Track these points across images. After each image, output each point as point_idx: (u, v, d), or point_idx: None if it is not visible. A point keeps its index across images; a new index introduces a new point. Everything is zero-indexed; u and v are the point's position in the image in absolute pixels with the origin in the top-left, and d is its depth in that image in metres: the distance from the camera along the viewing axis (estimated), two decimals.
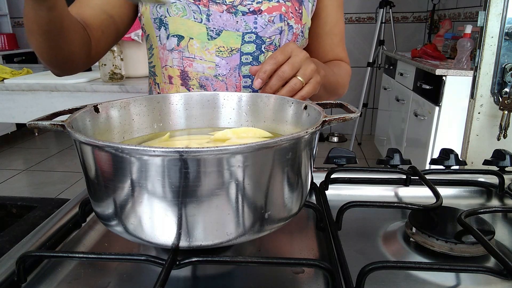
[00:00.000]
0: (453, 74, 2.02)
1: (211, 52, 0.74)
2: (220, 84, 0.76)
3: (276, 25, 0.73)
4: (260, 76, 0.61)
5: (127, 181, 0.36)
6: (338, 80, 0.80)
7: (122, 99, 0.55)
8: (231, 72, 0.75)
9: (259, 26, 0.73)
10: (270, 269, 0.43)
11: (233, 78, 0.76)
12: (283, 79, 0.61)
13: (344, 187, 0.64)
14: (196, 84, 0.77)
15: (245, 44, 0.74)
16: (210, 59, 0.75)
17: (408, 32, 3.84)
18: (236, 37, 0.73)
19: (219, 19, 0.73)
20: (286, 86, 0.61)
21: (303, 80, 0.61)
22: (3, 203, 0.77)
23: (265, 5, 0.73)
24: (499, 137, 0.87)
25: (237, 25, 0.73)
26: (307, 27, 0.78)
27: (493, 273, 0.38)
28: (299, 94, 0.62)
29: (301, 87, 0.62)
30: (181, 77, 0.77)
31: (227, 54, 0.74)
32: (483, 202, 0.63)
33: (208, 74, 0.76)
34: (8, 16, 4.33)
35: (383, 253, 0.47)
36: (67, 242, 0.50)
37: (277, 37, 0.74)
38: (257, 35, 0.74)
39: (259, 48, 0.74)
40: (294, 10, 0.75)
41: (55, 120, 0.44)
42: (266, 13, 0.73)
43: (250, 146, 0.35)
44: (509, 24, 0.82)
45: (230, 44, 0.74)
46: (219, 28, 0.73)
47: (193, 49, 0.75)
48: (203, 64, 0.75)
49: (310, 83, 0.63)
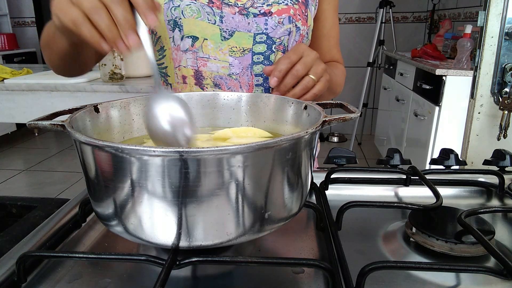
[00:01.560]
0: (453, 74, 2.02)
1: (224, 52, 0.77)
2: (234, 83, 0.79)
3: (285, 26, 0.76)
4: (276, 74, 0.64)
5: (127, 181, 0.36)
6: (337, 80, 0.84)
7: (122, 99, 0.55)
8: (243, 71, 0.78)
9: (270, 27, 0.76)
10: (270, 269, 0.43)
11: (245, 77, 0.78)
12: (297, 78, 0.64)
13: (344, 187, 0.64)
14: (210, 83, 0.79)
15: (257, 44, 0.77)
16: (224, 58, 0.77)
17: (408, 32, 3.84)
18: (248, 38, 0.76)
19: (231, 21, 0.76)
20: (300, 84, 0.65)
21: (315, 78, 0.65)
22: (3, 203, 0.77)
23: (275, 7, 0.76)
24: (499, 137, 0.87)
25: (249, 26, 0.76)
26: (310, 29, 0.82)
27: (493, 273, 0.38)
28: (311, 92, 0.65)
29: (313, 85, 0.65)
30: (195, 76, 0.80)
31: (239, 54, 0.77)
32: (483, 202, 0.63)
33: (222, 73, 0.78)
34: (8, 16, 4.32)
35: (383, 253, 0.47)
36: (67, 242, 0.50)
37: (286, 38, 0.78)
38: (268, 36, 0.76)
39: (269, 48, 0.77)
40: (301, 12, 0.78)
41: (55, 120, 0.44)
42: (276, 15, 0.76)
43: (250, 146, 0.35)
44: (509, 24, 0.82)
45: (243, 44, 0.77)
46: (231, 29, 0.76)
47: (207, 49, 0.77)
48: (217, 64, 0.78)
49: (321, 81, 0.66)
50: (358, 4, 3.84)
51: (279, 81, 0.64)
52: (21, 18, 4.50)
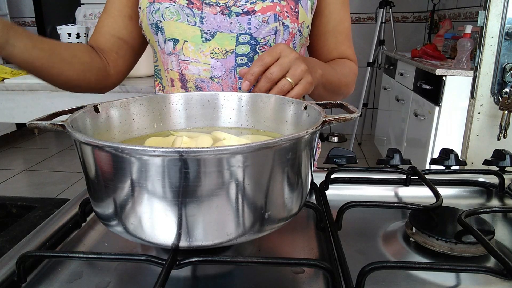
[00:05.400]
0: (453, 74, 2.02)
1: (205, 54, 0.74)
2: (216, 86, 0.76)
3: (270, 25, 0.73)
4: (248, 78, 0.61)
5: (127, 181, 0.36)
6: (340, 79, 0.78)
7: (122, 99, 0.55)
8: (226, 73, 0.75)
9: (253, 27, 0.73)
10: (270, 269, 0.43)
11: (228, 80, 0.76)
12: (271, 81, 0.60)
13: (344, 187, 0.64)
14: (193, 86, 0.77)
15: (240, 45, 0.74)
16: (205, 61, 0.75)
17: (408, 32, 3.84)
18: (231, 39, 0.73)
19: (213, 21, 0.73)
20: (275, 88, 0.61)
21: (292, 81, 0.61)
22: (3, 203, 0.77)
23: (259, 5, 0.72)
24: (499, 137, 0.87)
25: (231, 26, 0.73)
26: (305, 25, 0.77)
27: (493, 273, 0.38)
28: (289, 95, 0.61)
29: (290, 88, 0.61)
30: (180, 79, 0.78)
31: (222, 56, 0.74)
32: (483, 202, 0.63)
33: (204, 76, 0.76)
34: (8, 16, 4.31)
35: (383, 253, 0.47)
36: (67, 242, 0.50)
37: (272, 37, 0.74)
38: (251, 36, 0.73)
39: (253, 49, 0.74)
40: (289, 9, 0.74)
41: (55, 120, 0.44)
42: (260, 14, 0.72)
43: (250, 146, 0.35)
44: (509, 24, 0.82)
45: (225, 45, 0.74)
46: (213, 30, 0.73)
47: (188, 52, 0.75)
48: (198, 67, 0.75)
49: (301, 83, 0.62)
50: (358, 4, 3.84)
51: (251, 85, 0.61)
52: (21, 18, 4.50)
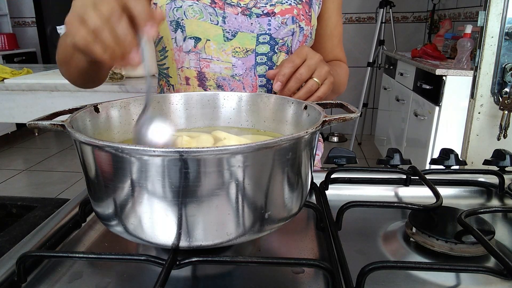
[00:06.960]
0: (453, 74, 2.02)
1: (227, 53, 0.76)
2: (237, 84, 0.78)
3: (288, 27, 0.76)
4: (280, 79, 0.64)
5: (127, 181, 0.36)
6: (340, 79, 0.84)
7: (122, 99, 0.55)
8: (247, 72, 0.78)
9: (273, 28, 0.76)
10: (270, 269, 0.43)
11: (249, 78, 0.78)
12: (301, 81, 0.64)
13: (344, 187, 0.64)
14: (213, 84, 0.79)
15: (260, 45, 0.76)
16: (227, 59, 0.77)
17: (408, 32, 3.84)
18: (251, 38, 0.76)
19: (234, 21, 0.75)
20: (304, 88, 0.64)
21: (319, 81, 0.65)
22: (3, 203, 0.77)
23: (278, 7, 0.76)
24: (499, 137, 0.87)
25: (252, 26, 0.75)
26: (314, 28, 0.81)
27: (493, 273, 0.38)
28: (315, 95, 0.65)
29: (317, 88, 0.65)
30: (198, 78, 0.79)
31: (242, 55, 0.77)
32: (483, 202, 0.63)
33: (225, 74, 0.78)
34: (8, 16, 4.32)
35: (383, 253, 0.47)
36: (67, 242, 0.50)
37: (289, 38, 0.77)
38: (271, 37, 0.76)
39: (272, 49, 0.77)
40: (304, 12, 0.77)
41: (55, 120, 0.44)
42: (279, 15, 0.75)
43: (250, 146, 0.35)
44: (509, 24, 0.82)
45: (246, 45, 0.76)
46: (234, 30, 0.75)
47: (210, 50, 0.77)
48: (220, 65, 0.77)
49: (325, 83, 0.66)
50: (358, 4, 3.84)
51: (283, 85, 0.64)
52: (21, 18, 4.50)
